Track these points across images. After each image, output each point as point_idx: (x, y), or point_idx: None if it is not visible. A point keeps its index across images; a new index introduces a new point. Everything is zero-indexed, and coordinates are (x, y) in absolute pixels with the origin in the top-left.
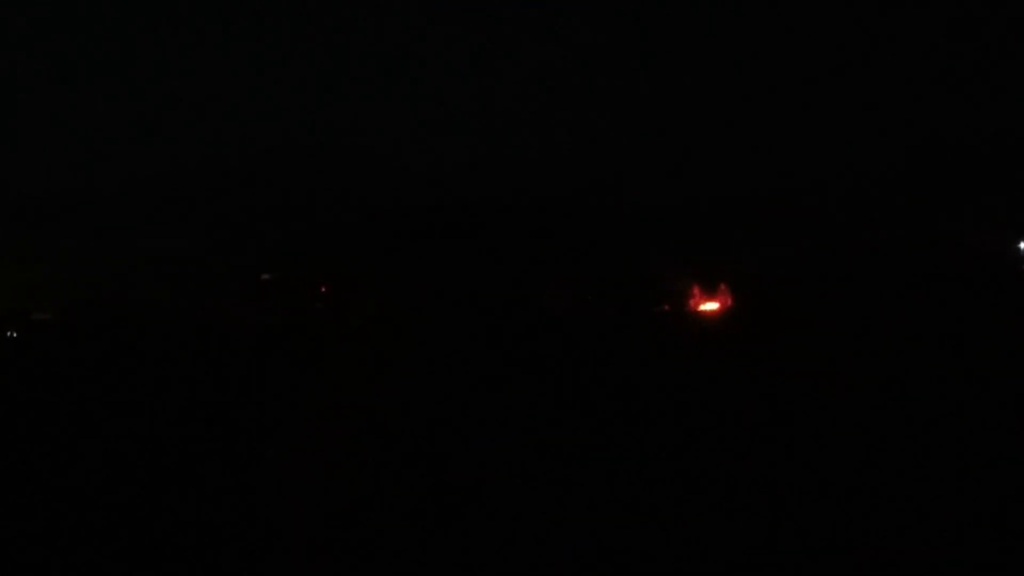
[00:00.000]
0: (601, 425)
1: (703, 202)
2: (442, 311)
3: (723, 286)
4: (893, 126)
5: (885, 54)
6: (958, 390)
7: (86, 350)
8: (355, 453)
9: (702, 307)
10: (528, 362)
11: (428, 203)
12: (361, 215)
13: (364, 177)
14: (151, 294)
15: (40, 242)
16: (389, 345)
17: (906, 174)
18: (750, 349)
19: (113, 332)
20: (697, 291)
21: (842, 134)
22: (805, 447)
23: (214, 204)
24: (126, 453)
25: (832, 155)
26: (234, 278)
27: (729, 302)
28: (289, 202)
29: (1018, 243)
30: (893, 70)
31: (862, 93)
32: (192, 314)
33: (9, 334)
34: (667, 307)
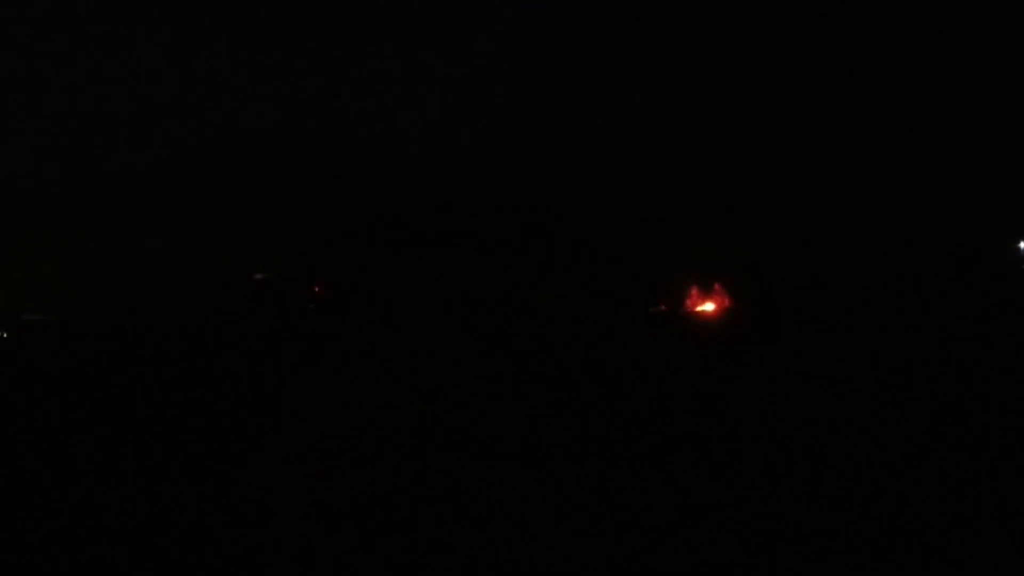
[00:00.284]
0: (598, 425)
1: (701, 202)
2: (436, 311)
3: (720, 287)
4: (893, 126)
5: (886, 53)
6: (958, 389)
7: (77, 350)
8: (350, 453)
9: (699, 307)
10: (524, 362)
11: (423, 203)
12: (356, 214)
13: (359, 176)
14: (143, 294)
15: (31, 242)
16: (383, 345)
17: (906, 174)
18: (747, 350)
19: (105, 332)
20: (694, 291)
21: (842, 133)
22: (804, 447)
23: (207, 204)
24: (119, 454)
25: (831, 155)
26: (227, 278)
27: (726, 303)
28: (283, 202)
29: (1018, 243)
30: (894, 69)
31: (862, 92)
32: (185, 314)
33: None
34: (663, 307)
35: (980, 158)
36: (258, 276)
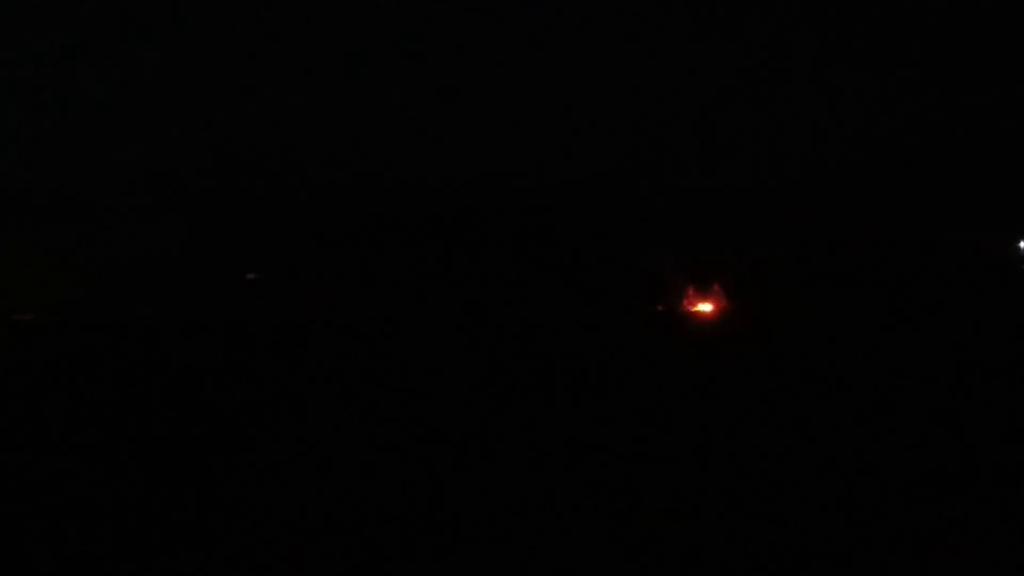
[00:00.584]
0: (595, 425)
1: (699, 201)
2: (432, 311)
3: (718, 286)
4: (893, 125)
5: (885, 52)
6: (958, 390)
7: (70, 351)
8: (347, 455)
9: (697, 308)
10: (521, 362)
11: (420, 202)
12: (351, 213)
13: (355, 176)
14: (137, 293)
15: (21, 240)
16: (379, 346)
17: (906, 174)
18: (746, 350)
19: (98, 332)
20: (692, 291)
21: (840, 132)
22: (803, 448)
23: (201, 203)
24: (112, 456)
25: (830, 153)
26: (221, 278)
27: (724, 303)
28: (278, 201)
29: (1018, 243)
30: (894, 68)
31: (861, 91)
32: (178, 314)
33: None
34: (660, 307)
35: (980, 158)
36: (251, 276)
